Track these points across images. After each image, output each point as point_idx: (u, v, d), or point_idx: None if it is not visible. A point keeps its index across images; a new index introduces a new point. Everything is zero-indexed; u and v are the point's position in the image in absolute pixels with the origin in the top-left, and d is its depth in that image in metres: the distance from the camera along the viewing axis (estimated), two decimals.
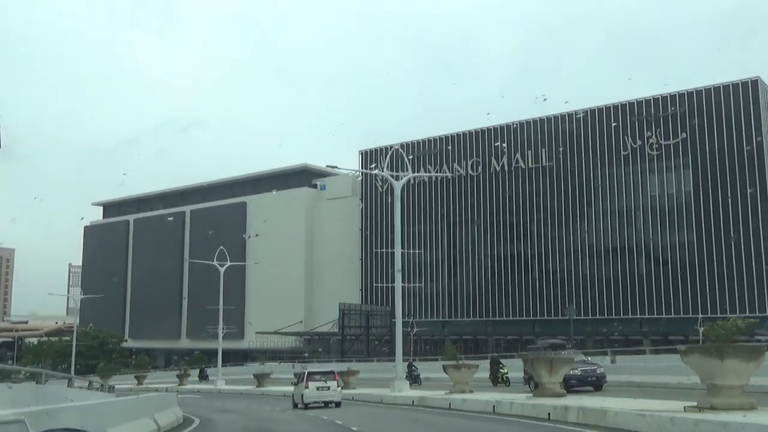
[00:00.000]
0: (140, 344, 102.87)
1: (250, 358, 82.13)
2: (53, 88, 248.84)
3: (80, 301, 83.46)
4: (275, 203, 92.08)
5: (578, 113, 71.64)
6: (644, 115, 68.34)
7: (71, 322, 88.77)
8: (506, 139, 75.85)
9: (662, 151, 67.22)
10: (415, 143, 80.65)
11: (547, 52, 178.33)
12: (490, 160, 76.84)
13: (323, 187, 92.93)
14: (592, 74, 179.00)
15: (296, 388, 29.46)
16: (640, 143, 68.30)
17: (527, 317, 73.09)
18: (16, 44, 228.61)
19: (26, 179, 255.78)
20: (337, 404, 27.44)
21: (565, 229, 72.05)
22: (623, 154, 69.16)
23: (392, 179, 31.51)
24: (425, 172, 78.74)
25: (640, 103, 68.83)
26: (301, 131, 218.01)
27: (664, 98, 67.69)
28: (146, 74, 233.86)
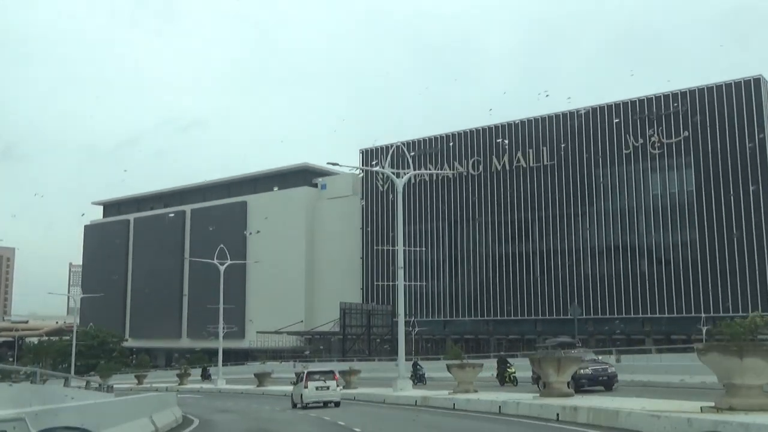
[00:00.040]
0: (141, 344, 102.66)
1: (250, 357, 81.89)
2: (54, 88, 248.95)
3: (81, 300, 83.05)
4: (275, 202, 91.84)
5: (580, 111, 71.33)
6: (646, 113, 68.03)
7: (72, 321, 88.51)
8: (507, 137, 75.59)
9: (664, 149, 66.91)
10: (415, 142, 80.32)
11: (546, 52, 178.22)
12: (491, 158, 76.56)
13: (324, 186, 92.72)
14: (592, 74, 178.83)
15: (295, 387, 29.29)
16: (641, 141, 67.99)
17: (529, 316, 72.84)
18: (16, 44, 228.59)
19: (26, 179, 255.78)
20: (336, 404, 27.32)
21: (566, 228, 71.75)
22: (625, 152, 68.84)
23: (394, 176, 31.27)
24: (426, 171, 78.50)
25: (641, 101, 68.50)
26: (301, 131, 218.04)
27: (666, 96, 67.35)
28: (146, 74, 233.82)
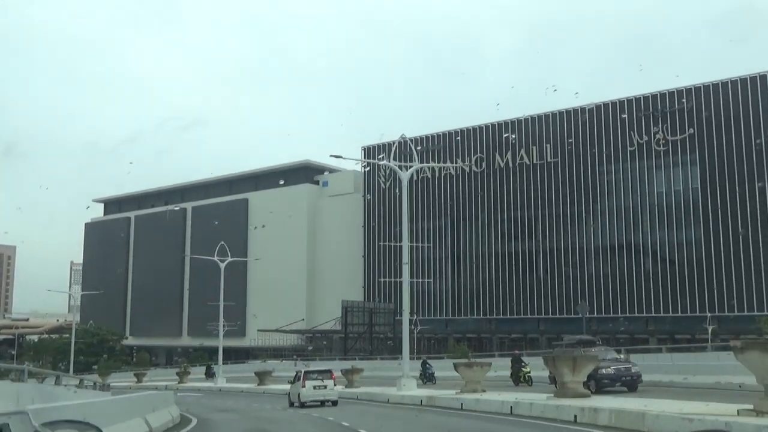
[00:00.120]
0: (141, 342, 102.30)
1: (251, 355, 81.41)
2: (55, 86, 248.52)
3: (81, 298, 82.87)
4: (277, 200, 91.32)
5: (584, 108, 70.76)
6: (651, 110, 67.44)
7: (73, 319, 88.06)
8: (511, 134, 75.01)
9: (669, 146, 66.34)
10: (418, 139, 79.48)
11: (548, 51, 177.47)
12: (494, 156, 76.01)
13: (325, 183, 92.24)
14: (595, 73, 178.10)
15: (293, 386, 29.10)
16: (646, 139, 67.42)
17: (532, 315, 72.34)
18: (18, 43, 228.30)
19: (28, 177, 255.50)
20: (333, 403, 27.12)
21: (570, 225, 71.21)
22: (629, 149, 68.28)
23: (399, 170, 30.77)
24: (428, 168, 77.88)
25: (646, 98, 67.92)
26: (302, 129, 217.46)
27: (671, 93, 66.76)
28: (148, 72, 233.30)
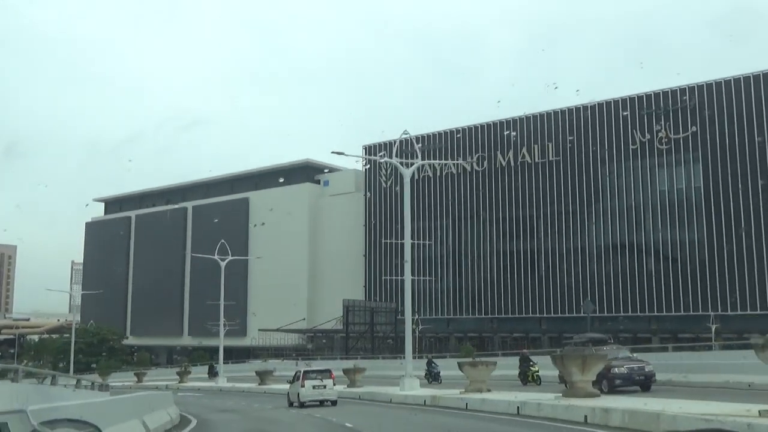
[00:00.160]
0: (142, 341, 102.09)
1: (252, 355, 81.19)
2: (56, 86, 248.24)
3: (82, 298, 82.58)
4: (278, 199, 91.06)
5: (586, 106, 70.40)
6: (653, 108, 67.09)
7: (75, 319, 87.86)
8: (513, 133, 74.68)
9: (672, 145, 65.98)
10: (419, 137, 79.22)
11: (548, 50, 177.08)
12: (495, 154, 75.69)
13: (326, 183, 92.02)
14: (597, 71, 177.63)
15: (292, 386, 29.10)
16: (649, 137, 67.06)
17: (533, 314, 72.04)
18: (18, 43, 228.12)
19: (29, 177, 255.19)
20: (333, 403, 27.09)
21: (572, 225, 70.89)
22: (632, 148, 67.93)
23: (401, 166, 30.51)
24: (430, 167, 77.60)
25: (648, 96, 67.57)
26: (303, 128, 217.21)
27: (673, 91, 66.40)
28: (148, 72, 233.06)
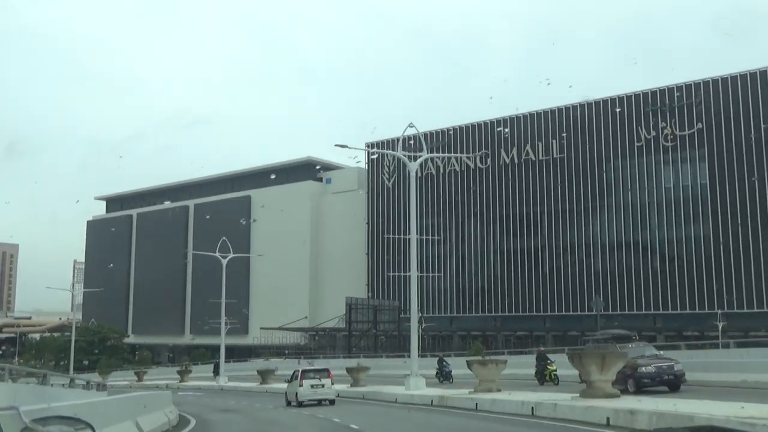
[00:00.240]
0: (143, 340, 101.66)
1: (254, 354, 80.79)
2: (57, 85, 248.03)
3: (84, 296, 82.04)
4: (279, 197, 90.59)
5: (590, 103, 69.76)
6: (659, 105, 66.46)
7: (75, 318, 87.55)
8: (516, 130, 74.10)
9: (677, 142, 65.36)
10: (422, 134, 78.62)
11: (550, 49, 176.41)
12: (499, 152, 75.10)
13: (329, 180, 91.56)
14: (601, 69, 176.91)
15: (290, 385, 29.06)
16: (654, 134, 66.43)
17: (537, 313, 71.50)
18: (20, 42, 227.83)
19: (30, 175, 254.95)
20: (331, 402, 27.12)
21: (576, 222, 70.33)
22: (637, 145, 67.31)
23: (407, 160, 30.01)
24: (433, 165, 77.07)
25: (654, 92, 66.96)
26: (304, 126, 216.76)
27: (679, 88, 65.76)
28: (150, 70, 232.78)
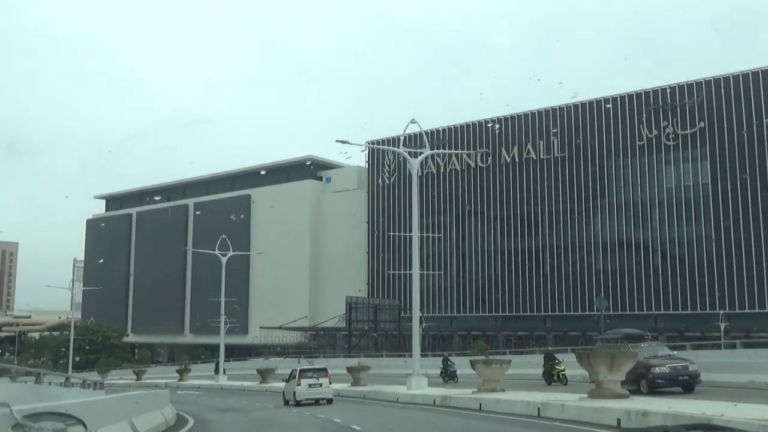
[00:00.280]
0: (143, 339, 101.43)
1: (254, 353, 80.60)
2: (58, 84, 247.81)
3: (83, 295, 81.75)
4: (280, 196, 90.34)
5: (592, 102, 69.50)
6: (660, 104, 66.17)
7: (74, 316, 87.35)
8: (517, 129, 73.84)
9: (679, 141, 65.07)
10: (423, 132, 78.26)
11: (550, 49, 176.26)
12: (500, 150, 74.81)
13: (329, 179, 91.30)
14: (602, 68, 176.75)
15: (288, 385, 29.01)
16: (656, 133, 66.15)
17: (538, 313, 71.23)
18: (21, 41, 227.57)
19: (30, 174, 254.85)
20: (329, 401, 27.13)
21: (577, 222, 70.04)
22: (638, 144, 67.02)
23: (409, 156, 29.78)
24: (433, 163, 76.81)
25: (656, 91, 66.66)
26: (304, 125, 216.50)
27: (681, 87, 65.46)
28: (150, 70, 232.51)
